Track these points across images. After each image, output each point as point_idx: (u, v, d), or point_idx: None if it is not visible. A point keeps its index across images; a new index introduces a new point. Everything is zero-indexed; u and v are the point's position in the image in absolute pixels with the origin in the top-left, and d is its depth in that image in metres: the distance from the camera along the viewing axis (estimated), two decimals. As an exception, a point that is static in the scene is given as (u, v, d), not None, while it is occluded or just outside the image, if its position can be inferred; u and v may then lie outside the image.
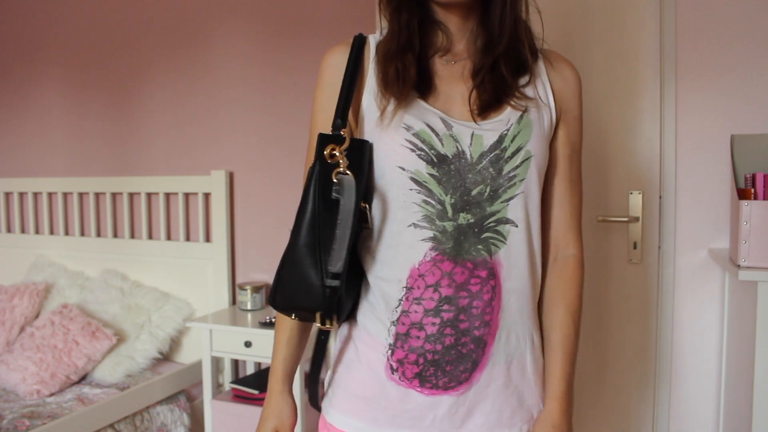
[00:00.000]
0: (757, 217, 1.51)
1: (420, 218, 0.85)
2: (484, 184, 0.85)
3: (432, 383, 0.87)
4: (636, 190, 1.93)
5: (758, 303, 1.46)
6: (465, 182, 0.85)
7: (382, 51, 0.91)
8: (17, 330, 2.44)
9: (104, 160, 2.77)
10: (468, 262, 0.85)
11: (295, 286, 0.85)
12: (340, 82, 0.91)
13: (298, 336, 0.99)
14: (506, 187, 0.86)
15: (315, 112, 0.96)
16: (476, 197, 0.85)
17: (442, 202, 0.85)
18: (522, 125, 0.87)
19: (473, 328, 0.86)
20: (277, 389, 0.98)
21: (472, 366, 0.87)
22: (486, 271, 0.86)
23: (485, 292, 0.86)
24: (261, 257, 2.47)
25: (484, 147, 0.85)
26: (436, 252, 0.85)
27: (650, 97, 1.89)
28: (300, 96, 2.36)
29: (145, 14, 2.63)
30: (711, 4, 1.81)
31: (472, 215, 0.85)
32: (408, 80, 0.87)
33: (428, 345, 0.86)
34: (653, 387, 1.94)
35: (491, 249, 0.86)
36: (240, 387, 2.13)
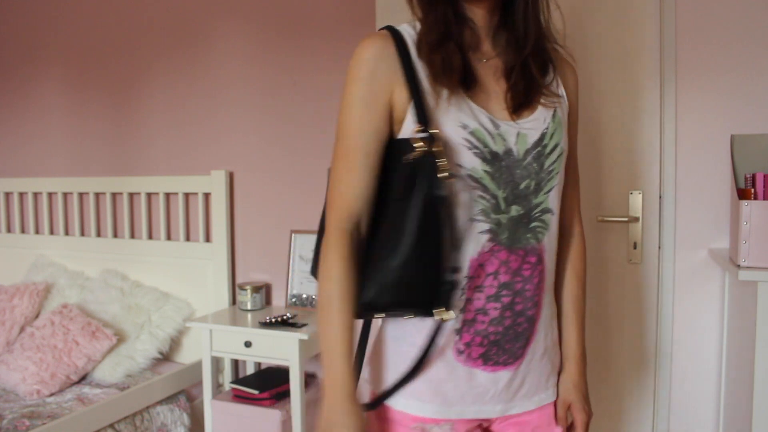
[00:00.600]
0: (757, 217, 1.51)
1: (477, 212, 0.91)
2: (529, 179, 0.92)
3: (494, 361, 0.95)
4: (636, 190, 1.93)
5: (758, 303, 1.46)
6: (514, 177, 0.91)
7: (425, 44, 0.91)
8: (17, 330, 2.44)
9: (104, 160, 2.77)
10: (520, 250, 0.93)
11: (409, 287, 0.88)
12: (384, 75, 0.90)
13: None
14: (546, 180, 0.94)
15: (352, 106, 0.91)
16: (524, 190, 0.92)
17: (495, 196, 0.91)
18: (556, 123, 0.96)
19: (527, 309, 0.95)
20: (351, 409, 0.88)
21: (525, 342, 0.97)
22: (535, 257, 0.95)
23: (535, 276, 0.95)
24: (261, 257, 2.47)
25: (528, 144, 0.92)
26: (493, 243, 0.92)
27: (650, 97, 1.89)
28: (300, 96, 2.36)
29: (145, 14, 2.63)
30: (711, 4, 1.81)
31: (522, 207, 0.92)
32: (455, 69, 0.89)
33: (491, 328, 0.93)
34: (653, 387, 1.94)
35: (538, 236, 0.95)
36: (240, 387, 2.13)
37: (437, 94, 0.88)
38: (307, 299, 2.32)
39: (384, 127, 0.91)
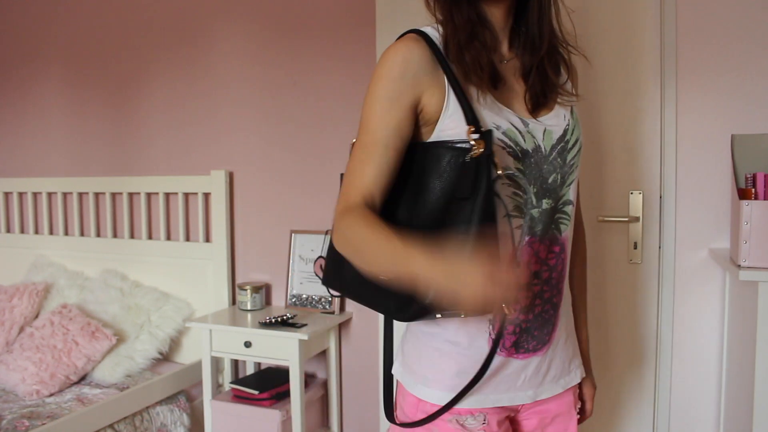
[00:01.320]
0: (757, 217, 1.51)
1: (512, 208, 0.94)
2: (556, 173, 0.97)
3: (525, 348, 0.99)
4: (636, 190, 1.93)
5: (759, 303, 1.45)
6: (542, 173, 0.95)
7: (453, 44, 0.92)
8: (17, 330, 2.44)
9: (104, 160, 2.77)
10: (547, 240, 0.97)
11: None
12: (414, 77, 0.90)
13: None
14: (569, 173, 0.99)
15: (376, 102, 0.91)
16: (552, 185, 0.96)
17: (527, 191, 0.94)
18: (575, 120, 1.00)
19: (552, 296, 1.00)
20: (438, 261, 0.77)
21: (551, 328, 1.01)
22: (559, 247, 0.99)
23: (559, 264, 1.00)
24: (261, 257, 2.46)
25: (553, 140, 0.96)
26: (528, 236, 0.95)
27: (650, 97, 1.89)
28: (300, 96, 2.36)
29: (145, 14, 2.63)
30: (711, 4, 1.81)
31: (552, 200, 0.97)
32: (484, 68, 0.91)
33: (522, 316, 0.97)
34: (653, 387, 1.94)
35: (561, 227, 0.99)
36: (240, 387, 2.13)
37: (469, 95, 0.91)
38: (307, 299, 2.32)
39: (407, 127, 0.92)
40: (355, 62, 2.24)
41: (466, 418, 0.97)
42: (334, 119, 2.30)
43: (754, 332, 1.48)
